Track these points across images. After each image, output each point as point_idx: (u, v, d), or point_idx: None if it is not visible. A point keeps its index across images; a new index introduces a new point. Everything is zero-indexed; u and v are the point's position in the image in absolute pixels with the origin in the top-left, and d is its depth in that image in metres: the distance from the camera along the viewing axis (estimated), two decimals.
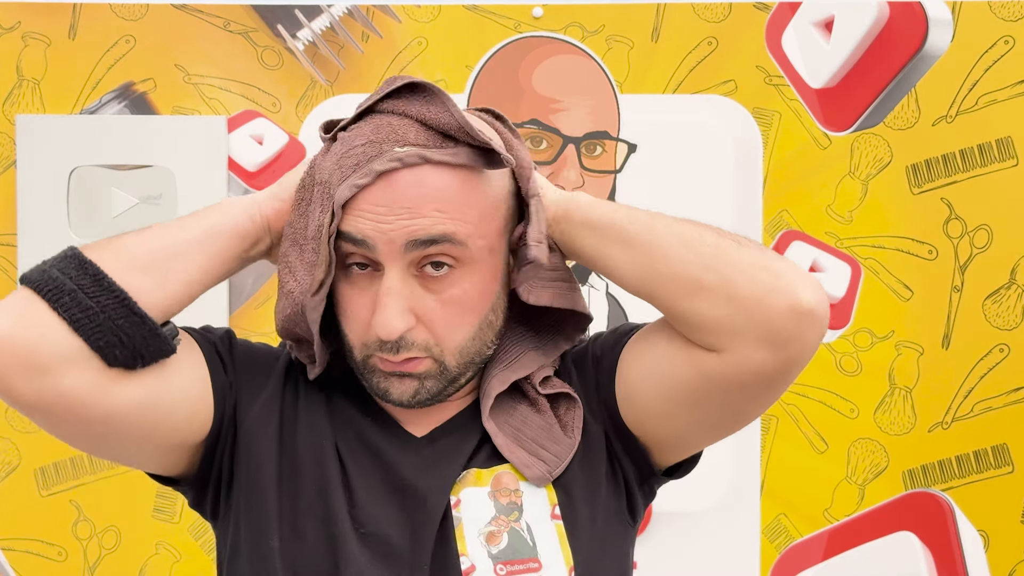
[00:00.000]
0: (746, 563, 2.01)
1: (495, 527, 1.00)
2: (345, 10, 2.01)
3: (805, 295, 0.92)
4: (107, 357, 0.91)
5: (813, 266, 1.99)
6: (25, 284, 0.93)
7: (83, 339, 0.90)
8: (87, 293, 0.91)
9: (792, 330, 0.93)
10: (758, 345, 0.93)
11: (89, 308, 0.90)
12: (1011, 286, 1.99)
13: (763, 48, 2.01)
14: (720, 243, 0.97)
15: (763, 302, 0.93)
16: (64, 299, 0.90)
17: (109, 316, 0.91)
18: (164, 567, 2.01)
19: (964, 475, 2.00)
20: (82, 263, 0.93)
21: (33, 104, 2.02)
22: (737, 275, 0.94)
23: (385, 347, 0.97)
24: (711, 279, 0.95)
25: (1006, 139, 1.99)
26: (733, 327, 0.94)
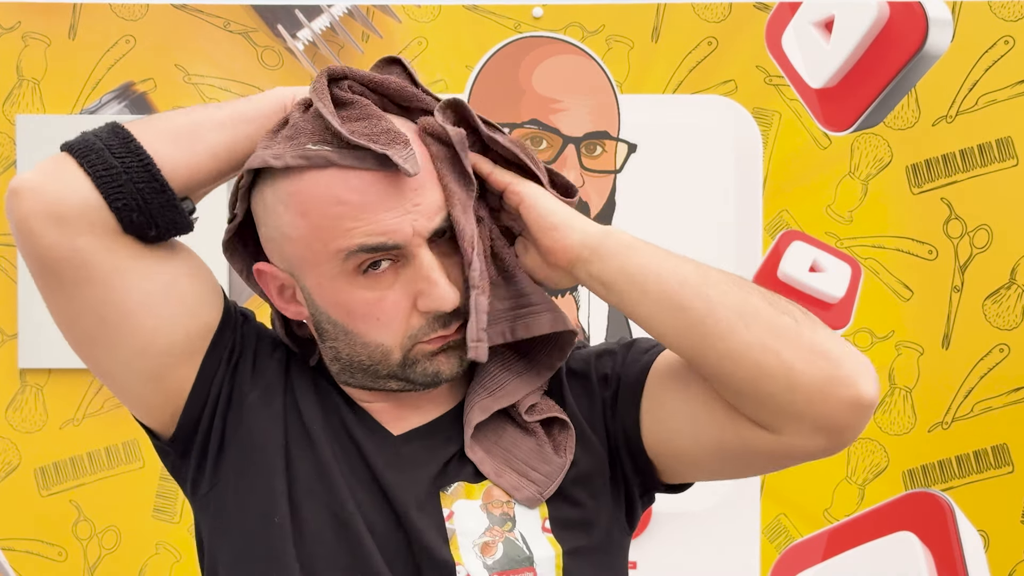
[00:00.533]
0: (746, 563, 2.01)
1: (489, 538, 1.00)
2: (345, 10, 2.01)
3: (866, 387, 0.90)
4: (123, 220, 0.96)
5: (813, 266, 1.99)
6: (63, 148, 0.97)
7: (103, 196, 0.95)
8: (113, 153, 0.95)
9: (851, 421, 0.91)
10: (815, 432, 0.92)
11: (113, 167, 0.95)
12: (1011, 286, 1.99)
13: (763, 48, 2.01)
14: (776, 320, 0.91)
15: (824, 391, 0.90)
16: (91, 156, 0.95)
17: (131, 178, 0.95)
18: (164, 567, 2.01)
19: (964, 475, 2.00)
20: (115, 128, 0.98)
21: (33, 104, 2.02)
22: (798, 361, 0.90)
23: (438, 323, 0.98)
24: (771, 363, 0.90)
25: (1006, 139, 1.99)
26: (791, 413, 0.91)
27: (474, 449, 1.03)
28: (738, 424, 0.95)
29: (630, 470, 1.06)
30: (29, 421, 2.01)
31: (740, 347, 0.91)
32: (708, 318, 0.92)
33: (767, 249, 2.01)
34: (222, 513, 1.03)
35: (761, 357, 0.90)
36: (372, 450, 1.02)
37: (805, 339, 0.90)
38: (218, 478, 1.03)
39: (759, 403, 0.92)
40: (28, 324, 1.98)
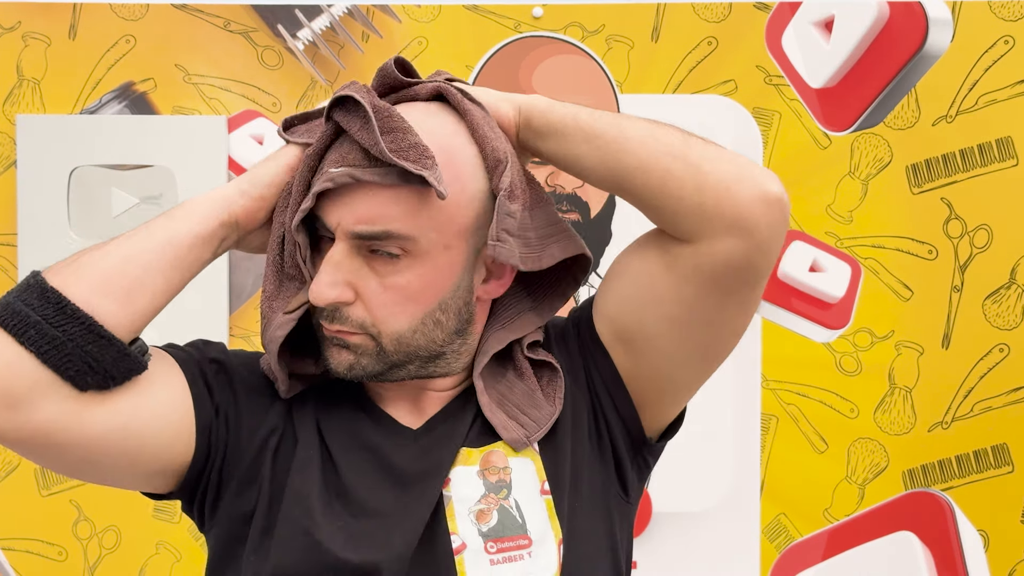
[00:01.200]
0: (746, 563, 2.01)
1: (484, 505, 1.01)
2: (345, 10, 2.01)
3: (771, 184, 0.97)
4: (79, 384, 0.92)
5: (813, 266, 1.99)
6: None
7: (52, 370, 0.90)
8: (51, 323, 0.90)
9: (759, 216, 0.96)
10: (726, 232, 0.97)
11: (55, 339, 0.90)
12: (1011, 286, 2.00)
13: (763, 48, 2.01)
14: (687, 137, 1.00)
15: (732, 189, 0.96)
16: (30, 332, 0.90)
17: (77, 344, 0.91)
18: (164, 567, 2.01)
19: (964, 475, 2.00)
20: (43, 291, 0.92)
21: (33, 104, 2.02)
22: (705, 164, 0.98)
23: (322, 314, 1.00)
24: (679, 168, 0.98)
25: (1006, 139, 1.99)
26: (702, 214, 0.97)
27: (478, 380, 1.05)
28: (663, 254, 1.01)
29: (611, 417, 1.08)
30: None
31: (650, 157, 0.99)
32: (620, 138, 1.01)
33: None
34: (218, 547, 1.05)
35: (669, 162, 0.99)
36: (391, 451, 1.03)
37: (711, 148, 0.99)
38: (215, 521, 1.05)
39: (673, 210, 0.99)
40: None
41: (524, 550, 1.00)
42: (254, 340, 1.95)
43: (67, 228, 1.99)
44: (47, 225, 1.98)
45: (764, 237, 0.97)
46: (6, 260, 2.01)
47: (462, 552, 0.99)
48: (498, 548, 1.00)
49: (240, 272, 1.98)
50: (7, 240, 2.01)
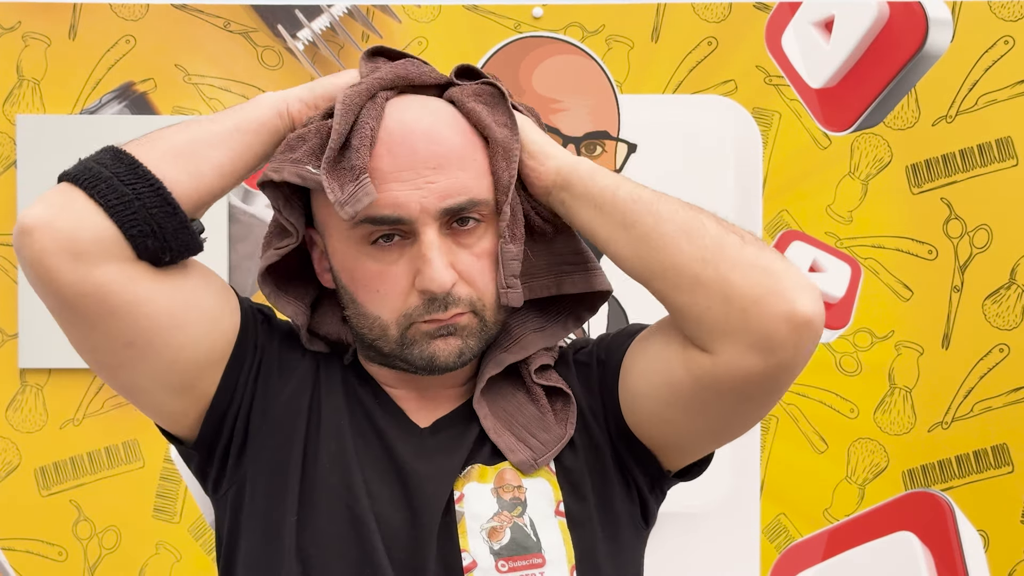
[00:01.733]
0: (746, 563, 2.01)
1: (497, 523, 1.00)
2: (345, 10, 2.01)
3: (803, 302, 0.90)
4: (138, 247, 0.94)
5: (813, 266, 1.99)
6: (63, 179, 0.95)
7: (117, 225, 0.93)
8: (123, 180, 0.93)
9: (785, 337, 0.91)
10: (749, 349, 0.92)
11: (124, 195, 0.93)
12: (1011, 286, 2.00)
13: (763, 48, 2.01)
14: (723, 238, 0.94)
15: (759, 304, 0.91)
16: (100, 186, 0.93)
17: (144, 204, 0.93)
18: (164, 567, 2.01)
19: (964, 475, 2.00)
20: (118, 154, 0.95)
21: (33, 104, 2.02)
22: (735, 274, 0.92)
23: (433, 305, 0.99)
24: (709, 275, 0.93)
25: (1006, 139, 1.99)
26: (726, 327, 0.93)
27: (481, 404, 1.04)
28: (686, 357, 0.97)
29: (627, 456, 1.07)
30: (29, 421, 2.01)
31: (682, 259, 0.95)
32: (654, 231, 0.96)
33: None
34: (240, 511, 1.04)
35: (700, 268, 0.94)
36: (399, 445, 1.03)
37: (748, 254, 0.93)
38: (238, 477, 1.04)
39: (698, 318, 0.94)
40: (28, 324, 1.98)
41: (537, 569, 0.99)
42: None
43: None
44: None
45: (789, 357, 0.92)
46: (6, 260, 2.01)
47: (472, 570, 0.98)
48: (510, 567, 0.99)
49: (240, 272, 1.98)
50: (7, 240, 2.01)
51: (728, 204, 2.01)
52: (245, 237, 1.99)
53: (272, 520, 1.01)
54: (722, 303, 0.92)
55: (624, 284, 2.00)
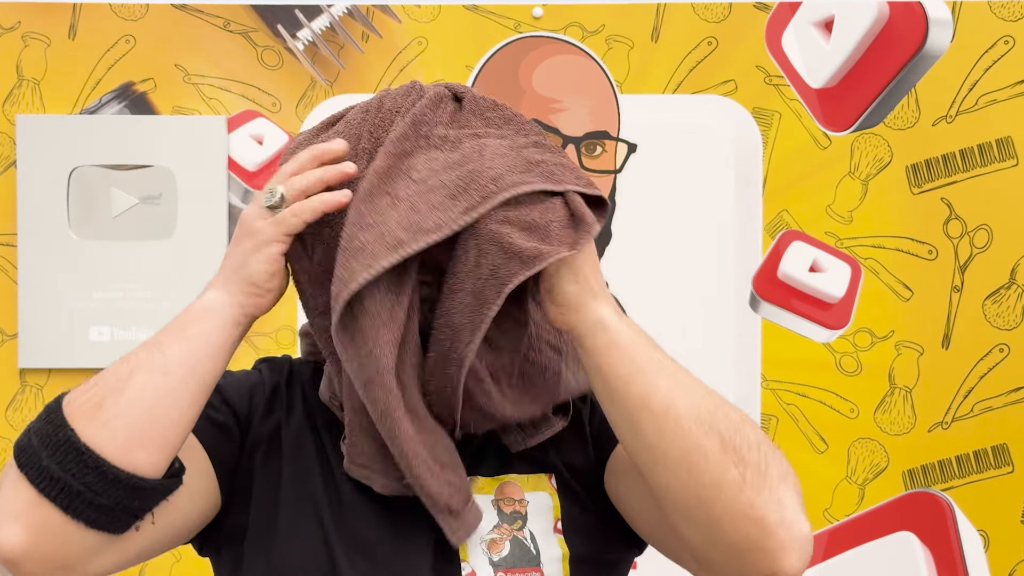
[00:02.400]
0: None
1: (497, 535, 1.00)
2: (345, 10, 2.01)
3: (787, 564, 0.87)
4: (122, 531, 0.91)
5: (813, 266, 1.99)
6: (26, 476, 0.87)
7: (103, 532, 0.89)
8: (95, 491, 0.86)
9: None
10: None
11: (102, 506, 0.87)
12: (1011, 286, 1.99)
13: (763, 48, 2.01)
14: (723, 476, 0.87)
15: (743, 558, 0.87)
16: (75, 503, 0.86)
17: (123, 504, 0.88)
18: (164, 567, 2.01)
19: (964, 475, 2.00)
20: (79, 453, 0.86)
21: (33, 104, 2.02)
22: (726, 521, 0.87)
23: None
24: (699, 516, 0.88)
25: (1006, 139, 1.99)
26: (707, 560, 0.91)
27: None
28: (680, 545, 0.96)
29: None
30: (29, 421, 2.00)
31: (676, 490, 0.89)
32: (656, 449, 0.89)
33: (767, 249, 2.01)
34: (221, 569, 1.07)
35: (693, 506, 0.89)
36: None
37: (743, 500, 0.87)
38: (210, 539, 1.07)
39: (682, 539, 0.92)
40: (28, 324, 1.98)
41: None
42: (254, 340, 1.95)
43: (67, 228, 1.99)
44: (47, 225, 1.98)
45: None
46: (6, 260, 2.01)
47: None
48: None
49: None
50: (7, 240, 2.01)
51: (728, 204, 2.01)
52: None
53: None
54: (707, 544, 0.90)
55: (625, 284, 2.00)
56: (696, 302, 2.00)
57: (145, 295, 1.98)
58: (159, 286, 1.97)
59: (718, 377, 2.03)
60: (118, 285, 1.98)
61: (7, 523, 0.86)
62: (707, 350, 1.99)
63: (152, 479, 0.89)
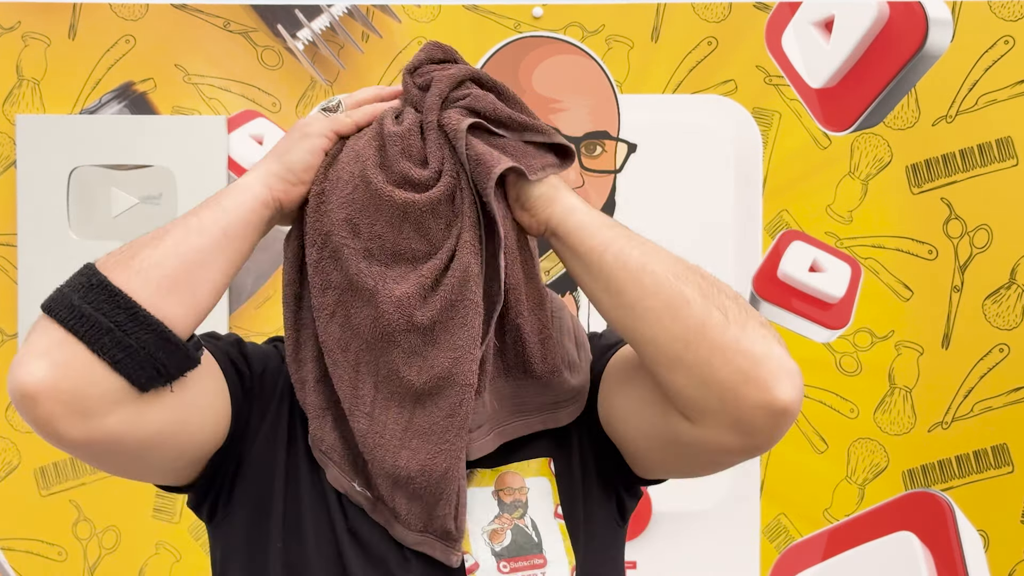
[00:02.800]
0: (746, 563, 2.01)
1: (498, 525, 1.01)
2: (345, 10, 2.01)
3: (781, 391, 0.89)
4: (145, 387, 0.91)
5: (813, 266, 1.99)
6: (55, 319, 0.89)
7: (125, 377, 0.89)
8: (125, 331, 0.88)
9: (763, 423, 0.90)
10: (727, 429, 0.91)
11: (129, 347, 0.88)
12: (1011, 286, 1.99)
13: (763, 48, 2.01)
14: (707, 318, 0.91)
15: (737, 391, 0.89)
16: (103, 340, 0.87)
17: (149, 352, 0.89)
18: (164, 567, 2.01)
19: (964, 475, 2.00)
20: (112, 294, 0.89)
21: (33, 104, 2.02)
22: (716, 358, 0.89)
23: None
24: (689, 358, 0.91)
25: (1006, 139, 1.99)
26: (705, 408, 0.92)
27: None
28: (668, 414, 0.96)
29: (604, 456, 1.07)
30: None
31: (663, 337, 0.92)
32: (638, 304, 0.93)
33: (767, 249, 2.01)
34: (231, 540, 1.05)
35: (681, 349, 0.91)
36: None
37: (729, 336, 0.90)
38: (229, 508, 1.05)
39: (676, 394, 0.93)
40: (28, 324, 1.98)
41: (538, 570, 1.00)
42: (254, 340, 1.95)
43: (67, 228, 1.99)
44: (47, 225, 1.98)
45: (763, 441, 0.92)
46: (6, 260, 2.01)
47: (475, 572, 0.99)
48: (511, 568, 1.00)
49: (240, 272, 1.98)
50: (7, 240, 2.01)
51: (728, 204, 2.01)
52: None
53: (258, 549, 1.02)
54: (700, 386, 0.91)
55: None
56: None
57: None
58: None
59: None
60: None
61: (32, 359, 0.87)
62: None
63: (178, 335, 0.91)
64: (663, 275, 0.94)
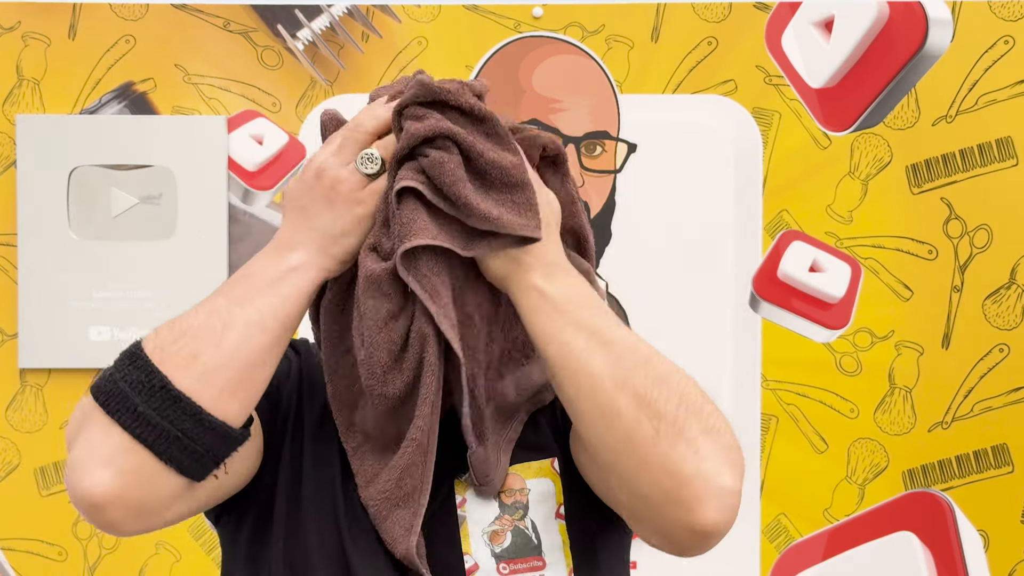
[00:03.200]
0: (746, 563, 2.01)
1: (499, 526, 1.01)
2: (345, 10, 2.01)
3: (704, 515, 0.86)
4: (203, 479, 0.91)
5: (813, 266, 1.99)
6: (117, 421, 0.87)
7: (188, 478, 0.89)
8: (191, 438, 0.87)
9: (687, 542, 0.89)
10: (654, 536, 0.92)
11: (196, 452, 0.88)
12: (1011, 286, 1.99)
13: (763, 48, 2.01)
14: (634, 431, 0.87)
15: (661, 510, 0.87)
16: (172, 450, 0.87)
17: (213, 452, 0.89)
18: (164, 567, 2.01)
19: (964, 475, 2.00)
20: (176, 400, 0.87)
21: (33, 104, 2.02)
22: (642, 474, 0.87)
23: None
24: (619, 468, 0.89)
25: (1006, 139, 1.99)
26: (632, 515, 0.92)
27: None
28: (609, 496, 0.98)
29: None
30: (29, 421, 2.01)
31: (594, 441, 0.91)
32: (574, 404, 0.91)
33: (767, 249, 2.01)
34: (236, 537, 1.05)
35: (611, 459, 0.89)
36: None
37: (657, 453, 0.86)
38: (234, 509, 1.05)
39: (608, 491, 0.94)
40: (28, 324, 1.98)
41: (537, 572, 1.00)
42: None
43: (67, 228, 1.99)
44: (47, 225, 1.98)
45: (692, 553, 0.91)
46: (6, 260, 2.01)
47: (474, 573, 0.99)
48: (511, 570, 1.00)
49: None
50: (7, 240, 2.01)
51: (728, 204, 2.01)
52: (245, 237, 1.99)
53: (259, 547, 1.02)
54: (629, 495, 0.91)
55: (625, 284, 2.00)
56: (696, 302, 2.00)
57: (145, 295, 1.98)
58: (159, 286, 1.97)
59: (718, 377, 2.04)
60: (118, 285, 1.98)
61: (98, 468, 0.86)
62: (707, 350, 1.99)
63: (238, 428, 0.90)
64: (601, 378, 0.89)
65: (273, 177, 2.00)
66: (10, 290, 2.00)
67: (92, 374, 1.98)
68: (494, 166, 0.94)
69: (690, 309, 2.00)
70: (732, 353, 2.00)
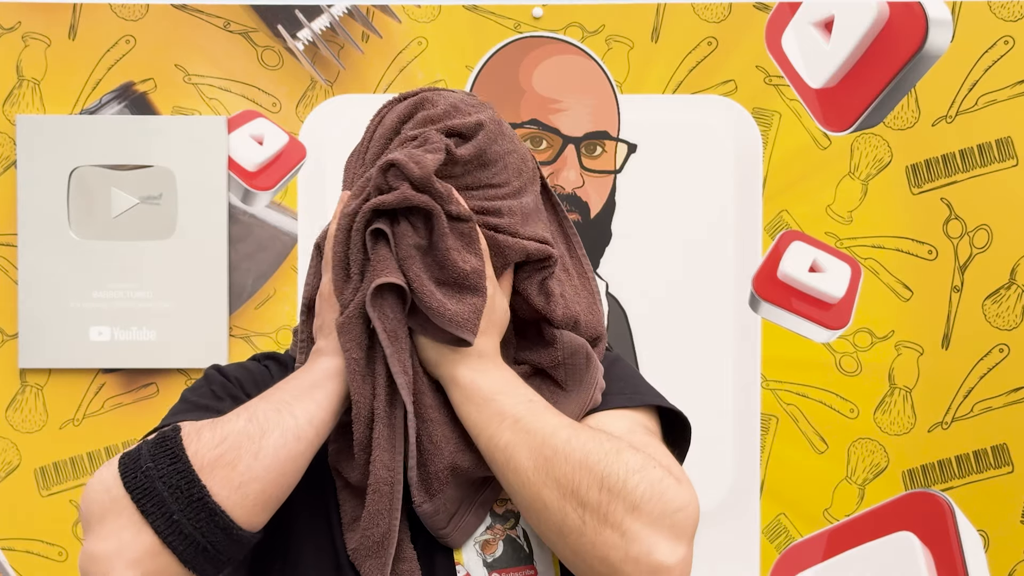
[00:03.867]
0: (746, 563, 2.01)
1: (490, 536, 1.01)
2: (345, 10, 2.01)
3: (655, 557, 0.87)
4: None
5: (813, 266, 1.99)
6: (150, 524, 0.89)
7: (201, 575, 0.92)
8: (219, 549, 0.90)
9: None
10: None
11: (219, 561, 0.91)
12: (1011, 286, 1.99)
13: (763, 48, 2.01)
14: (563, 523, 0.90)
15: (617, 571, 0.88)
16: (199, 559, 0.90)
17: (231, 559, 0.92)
18: None
19: (964, 475, 2.00)
20: (212, 514, 0.89)
21: (33, 104, 2.02)
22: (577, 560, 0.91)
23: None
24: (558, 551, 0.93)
25: (1006, 139, 1.99)
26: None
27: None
28: None
29: None
30: (29, 421, 2.01)
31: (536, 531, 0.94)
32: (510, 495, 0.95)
33: (767, 249, 2.01)
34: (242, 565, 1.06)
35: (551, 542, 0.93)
36: None
37: (585, 543, 0.88)
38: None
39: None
40: (28, 324, 1.99)
41: None
42: (254, 340, 1.95)
43: (67, 228, 1.99)
44: (47, 225, 1.98)
45: None
46: (6, 260, 2.01)
47: None
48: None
49: (240, 272, 1.98)
50: (7, 240, 2.01)
51: (728, 204, 2.01)
52: (245, 237, 1.99)
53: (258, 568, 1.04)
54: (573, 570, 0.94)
55: (625, 284, 2.00)
56: (696, 302, 2.00)
57: (145, 295, 1.98)
58: (159, 286, 1.97)
59: (718, 377, 2.04)
60: (118, 285, 1.98)
61: (125, 570, 0.88)
62: (707, 350, 1.99)
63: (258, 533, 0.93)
64: (525, 471, 0.92)
65: (273, 177, 2.00)
66: (10, 290, 2.00)
67: (92, 374, 1.99)
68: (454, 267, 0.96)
69: (690, 309, 2.00)
70: (732, 353, 2.01)
